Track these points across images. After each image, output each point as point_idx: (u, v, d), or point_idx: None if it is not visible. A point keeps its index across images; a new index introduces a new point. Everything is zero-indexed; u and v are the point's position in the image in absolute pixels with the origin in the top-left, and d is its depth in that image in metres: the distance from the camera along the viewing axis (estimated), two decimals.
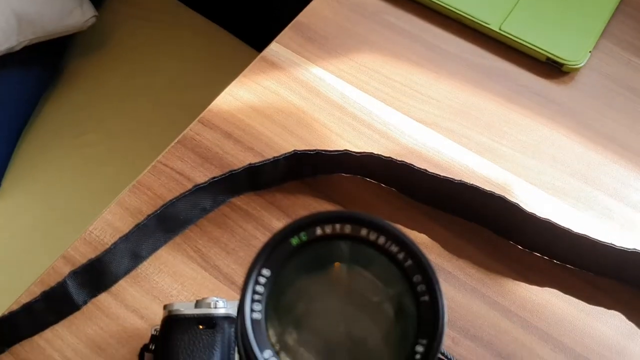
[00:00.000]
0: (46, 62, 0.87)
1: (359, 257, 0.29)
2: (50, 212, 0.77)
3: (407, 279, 0.28)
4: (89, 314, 0.42)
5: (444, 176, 0.46)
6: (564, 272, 0.46)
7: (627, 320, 0.44)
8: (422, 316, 0.27)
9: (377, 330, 0.30)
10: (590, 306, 0.45)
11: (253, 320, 0.27)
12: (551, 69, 0.56)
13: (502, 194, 0.45)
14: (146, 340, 0.39)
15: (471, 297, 0.44)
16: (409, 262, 0.28)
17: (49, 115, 0.85)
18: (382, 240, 0.28)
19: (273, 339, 0.28)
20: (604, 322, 0.44)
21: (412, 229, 0.47)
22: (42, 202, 0.78)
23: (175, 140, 0.50)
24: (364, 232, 0.28)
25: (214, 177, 0.45)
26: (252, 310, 0.27)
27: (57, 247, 0.46)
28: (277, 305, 0.28)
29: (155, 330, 0.39)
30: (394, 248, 0.28)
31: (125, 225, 0.45)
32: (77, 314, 0.42)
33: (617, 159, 0.52)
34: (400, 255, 0.28)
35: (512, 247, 0.47)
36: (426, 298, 0.27)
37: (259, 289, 0.28)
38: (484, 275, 0.45)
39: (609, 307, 0.45)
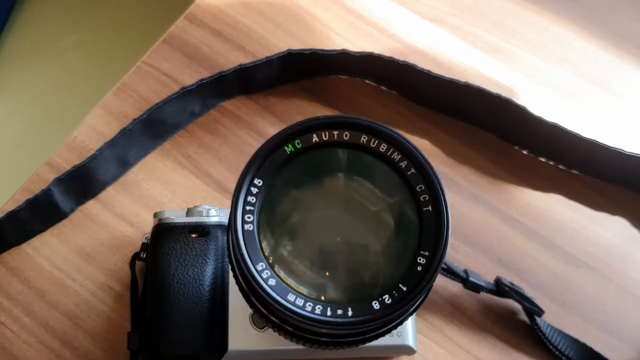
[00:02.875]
0: None
1: (357, 166, 0.28)
2: (33, 118, 0.75)
3: (410, 188, 0.27)
4: (78, 222, 0.41)
5: (448, 78, 0.43)
6: (569, 178, 0.45)
7: (630, 226, 0.44)
8: (425, 227, 0.26)
9: (376, 240, 0.29)
10: (594, 212, 0.44)
11: (245, 232, 0.26)
12: None
13: (509, 97, 0.43)
14: (137, 248, 0.39)
15: (472, 203, 0.43)
16: (412, 170, 0.26)
17: (28, 18, 0.81)
18: (383, 147, 0.26)
19: (266, 251, 0.27)
20: (608, 229, 0.43)
21: (413, 134, 0.45)
22: (25, 109, 0.75)
23: (161, 39, 0.47)
24: (363, 138, 0.27)
25: (203, 79, 0.43)
26: (244, 222, 0.26)
27: (41, 154, 0.45)
28: (270, 216, 0.27)
29: (146, 238, 0.38)
30: (397, 156, 0.26)
31: (110, 130, 0.43)
32: (65, 222, 0.41)
33: (630, 59, 0.49)
34: (403, 164, 0.26)
35: (516, 153, 0.45)
36: (429, 208, 0.26)
37: (251, 199, 0.26)
38: (486, 182, 0.44)
39: (612, 213, 0.44)
